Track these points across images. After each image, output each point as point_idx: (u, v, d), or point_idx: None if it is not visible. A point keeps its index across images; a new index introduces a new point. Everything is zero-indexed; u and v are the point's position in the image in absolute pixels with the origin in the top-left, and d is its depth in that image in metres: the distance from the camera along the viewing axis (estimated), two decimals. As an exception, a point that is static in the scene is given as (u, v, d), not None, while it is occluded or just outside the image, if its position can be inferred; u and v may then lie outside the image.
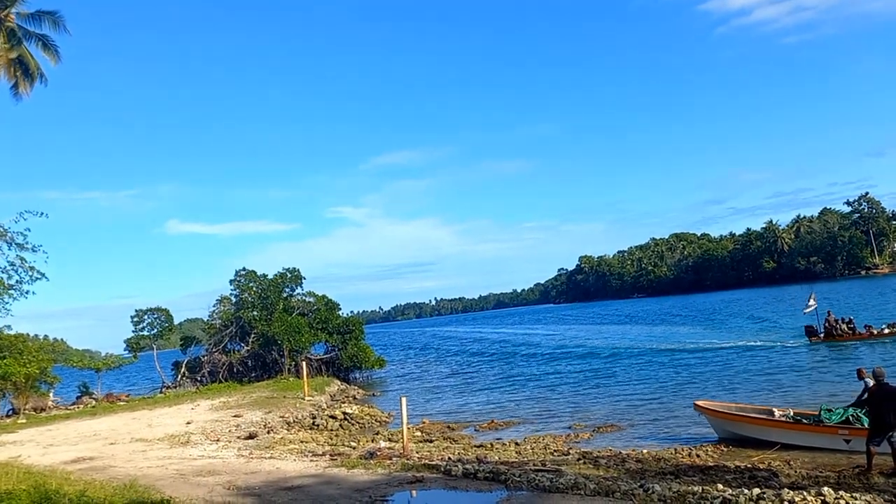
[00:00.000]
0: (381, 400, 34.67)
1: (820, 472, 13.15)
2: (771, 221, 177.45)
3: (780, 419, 16.59)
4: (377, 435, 22.51)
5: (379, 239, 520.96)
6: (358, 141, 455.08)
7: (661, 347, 43.79)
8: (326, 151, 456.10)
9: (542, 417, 24.48)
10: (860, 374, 14.94)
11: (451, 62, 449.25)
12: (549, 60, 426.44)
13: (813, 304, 37.11)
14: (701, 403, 18.65)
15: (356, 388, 40.00)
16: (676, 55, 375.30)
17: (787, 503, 9.52)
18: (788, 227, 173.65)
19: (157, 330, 43.96)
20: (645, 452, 16.22)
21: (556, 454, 17.10)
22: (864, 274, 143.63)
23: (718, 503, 9.82)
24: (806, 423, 15.89)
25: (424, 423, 25.04)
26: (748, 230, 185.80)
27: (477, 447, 19.19)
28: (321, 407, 29.75)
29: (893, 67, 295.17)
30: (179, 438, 21.47)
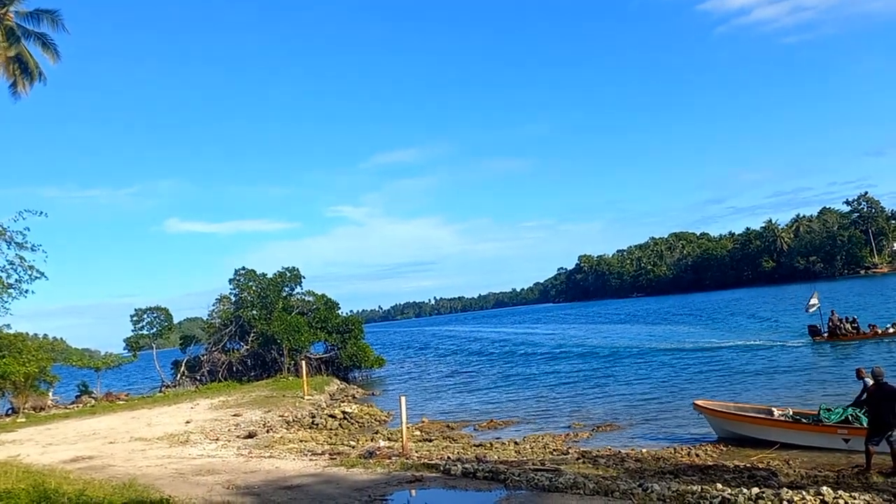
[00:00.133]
0: (380, 399, 34.65)
1: (819, 471, 13.15)
2: (770, 221, 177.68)
3: (779, 419, 16.59)
4: (376, 434, 22.50)
5: (379, 238, 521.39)
6: (358, 140, 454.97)
7: (660, 347, 43.80)
8: (326, 150, 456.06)
9: (541, 417, 24.48)
10: (859, 373, 14.94)
11: (450, 61, 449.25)
12: (548, 60, 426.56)
13: (815, 302, 37.00)
14: (700, 403, 18.66)
15: (355, 387, 39.99)
16: (676, 55, 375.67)
17: (786, 502, 9.52)
18: (788, 226, 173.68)
19: (156, 329, 43.95)
20: (644, 452, 16.23)
21: (555, 453, 17.09)
22: (863, 273, 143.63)
23: (717, 502, 9.82)
24: (805, 422, 15.89)
25: (424, 422, 25.04)
26: (747, 230, 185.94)
27: (476, 446, 19.18)
28: (320, 406, 29.73)
29: (893, 67, 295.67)
30: (179, 437, 21.46)
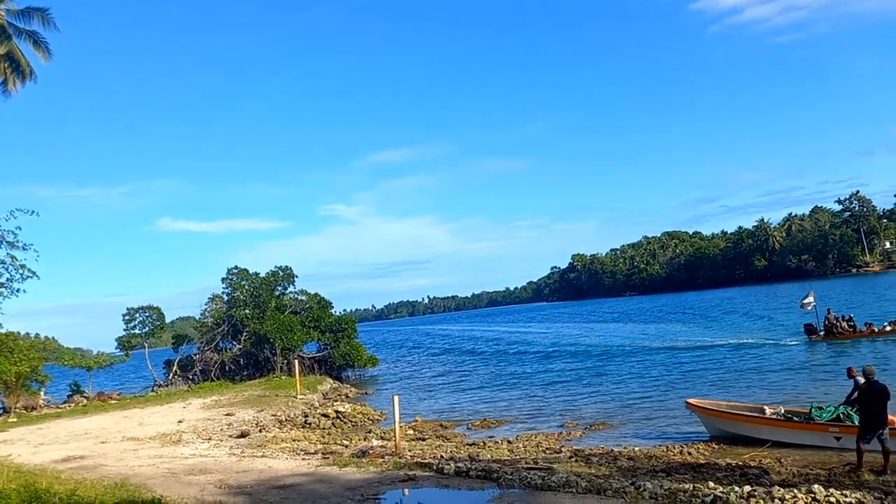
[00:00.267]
0: (373, 398, 34.63)
1: (811, 469, 13.20)
2: (762, 220, 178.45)
3: (771, 417, 16.64)
4: (369, 433, 22.49)
5: (372, 237, 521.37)
6: (351, 138, 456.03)
7: (653, 345, 43.91)
8: (320, 149, 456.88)
9: (534, 415, 24.50)
10: (850, 372, 15.01)
11: (446, 61, 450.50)
12: (544, 60, 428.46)
13: (811, 300, 37.00)
14: (692, 401, 18.71)
15: (349, 386, 39.98)
16: (670, 54, 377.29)
17: (777, 501, 9.55)
18: (780, 225, 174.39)
19: (148, 328, 43.76)
20: (636, 450, 16.28)
21: (548, 452, 17.14)
22: (854, 272, 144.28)
23: (709, 501, 9.84)
24: (797, 420, 15.94)
25: (417, 421, 25.03)
26: (740, 228, 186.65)
27: (469, 445, 19.20)
28: (313, 405, 29.69)
29: (885, 67, 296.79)
30: (171, 437, 21.39)
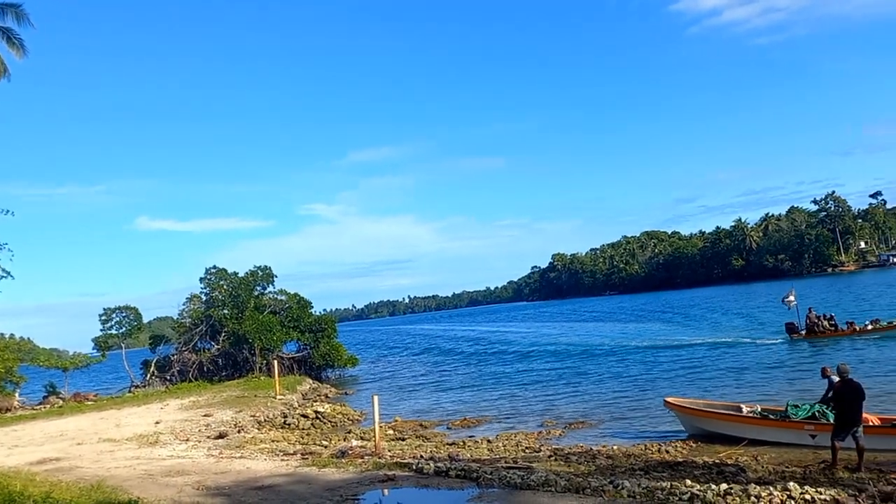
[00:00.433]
0: (353, 398, 34.55)
1: (786, 467, 13.33)
2: (740, 220, 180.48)
3: (747, 415, 16.80)
4: (349, 433, 22.43)
5: (353, 236, 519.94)
6: (332, 137, 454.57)
7: (633, 344, 44.17)
8: (300, 148, 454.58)
9: (514, 415, 24.54)
10: (824, 372, 15.17)
11: (427, 60, 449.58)
12: (526, 59, 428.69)
13: (793, 299, 37.30)
14: (671, 400, 18.84)
15: (328, 386, 39.86)
16: (650, 55, 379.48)
17: (753, 498, 9.64)
18: (757, 225, 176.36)
19: (125, 329, 43.34)
20: (615, 449, 16.36)
21: (528, 451, 17.18)
22: (830, 272, 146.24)
23: (686, 499, 9.91)
24: (773, 418, 16.09)
25: (397, 421, 24.99)
26: (718, 228, 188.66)
27: (449, 445, 19.19)
28: (292, 406, 29.55)
29: (860, 68, 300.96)
30: (148, 438, 21.21)
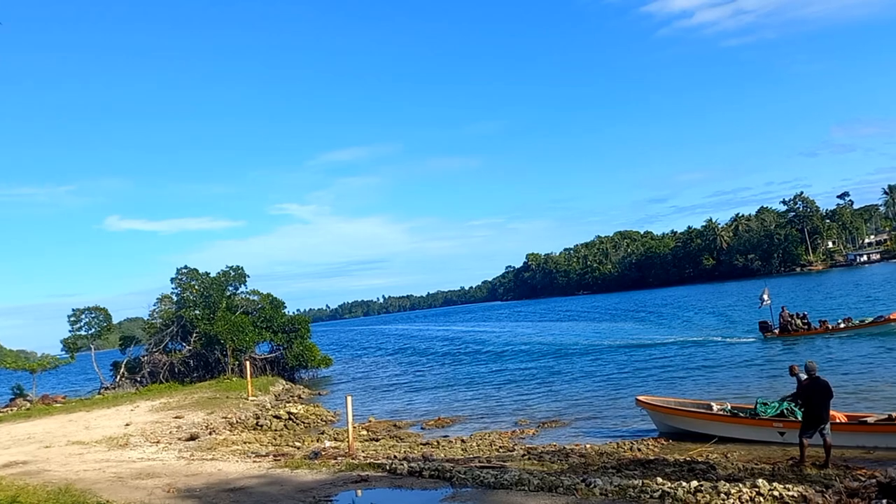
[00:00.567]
0: (326, 399, 34.40)
1: (756, 464, 13.49)
2: (711, 220, 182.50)
3: (718, 413, 17.00)
4: (322, 434, 22.34)
5: (326, 236, 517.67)
6: (304, 137, 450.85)
7: (606, 344, 44.45)
8: (272, 148, 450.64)
9: (488, 414, 24.61)
10: (792, 370, 15.37)
11: (399, 60, 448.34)
12: (497, 58, 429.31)
13: (767, 298, 37.83)
14: (642, 398, 19.02)
15: (301, 387, 39.64)
16: (622, 56, 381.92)
17: (723, 495, 9.74)
18: (727, 225, 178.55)
19: (95, 330, 42.72)
20: (588, 447, 16.44)
21: (501, 450, 17.23)
22: (799, 271, 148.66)
23: (658, 496, 9.99)
24: (742, 416, 16.30)
25: (371, 421, 24.93)
26: (689, 228, 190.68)
27: (423, 445, 19.19)
28: (265, 407, 29.36)
29: (827, 70, 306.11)
30: (118, 441, 20.97)
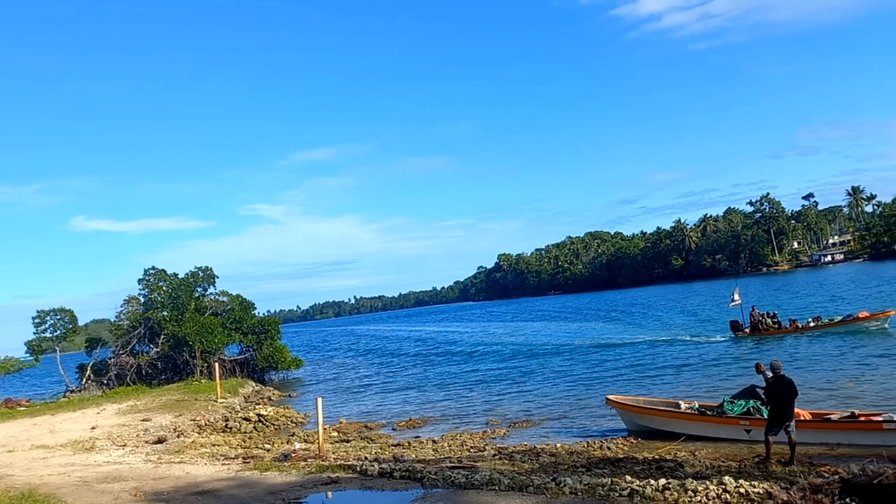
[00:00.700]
0: (297, 401, 34.19)
1: (722, 461, 13.67)
2: (679, 220, 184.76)
3: (686, 411, 17.20)
4: (292, 436, 22.20)
5: (298, 237, 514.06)
6: (275, 136, 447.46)
7: (577, 343, 44.72)
8: (242, 146, 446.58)
9: (459, 414, 24.64)
10: (758, 368, 15.59)
11: (372, 58, 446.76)
12: (469, 59, 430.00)
13: (738, 298, 38.34)
14: (612, 397, 19.19)
15: (271, 389, 39.35)
16: (594, 58, 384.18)
17: (690, 492, 9.85)
18: (696, 226, 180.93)
19: (60, 332, 42.02)
20: (559, 446, 16.53)
21: (472, 450, 17.27)
22: (765, 271, 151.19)
23: (627, 494, 10.08)
24: (710, 414, 16.51)
25: (341, 423, 24.83)
26: (658, 229, 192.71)
27: (394, 446, 19.16)
28: (234, 409, 29.12)
29: (792, 74, 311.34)
30: (83, 444, 20.68)
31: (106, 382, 41.08)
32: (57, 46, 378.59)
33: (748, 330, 37.58)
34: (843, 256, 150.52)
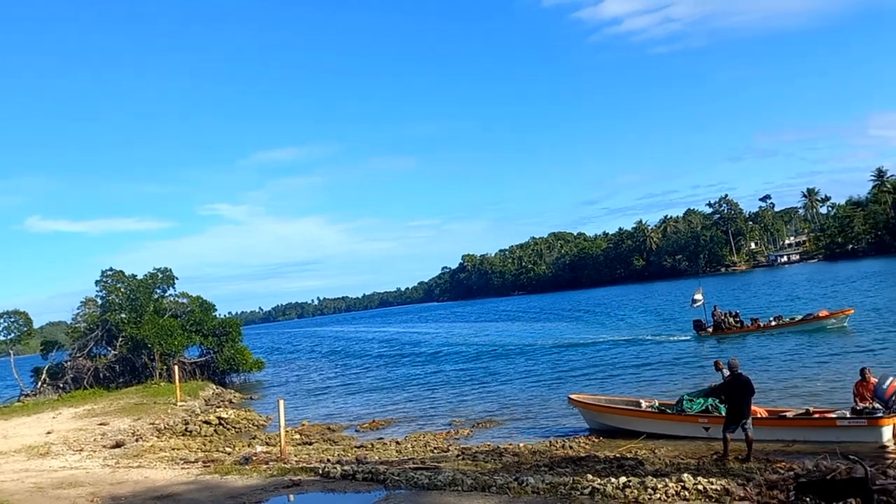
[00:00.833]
0: (259, 403, 33.86)
1: (682, 459, 13.88)
2: (641, 221, 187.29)
3: (646, 410, 17.44)
4: (254, 439, 21.99)
5: (261, 237, 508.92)
6: (235, 136, 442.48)
7: (541, 343, 44.95)
8: (201, 146, 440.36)
9: (423, 415, 24.63)
10: (717, 365, 15.89)
11: (337, 59, 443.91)
12: (433, 60, 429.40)
13: (700, 298, 38.83)
14: (574, 396, 19.37)
15: (233, 391, 38.91)
16: (556, 60, 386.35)
17: (650, 490, 9.99)
18: (656, 227, 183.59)
19: (14, 334, 41.05)
20: (521, 446, 16.62)
21: (436, 451, 17.27)
22: (724, 271, 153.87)
23: (588, 493, 10.18)
24: (669, 413, 16.76)
25: (304, 425, 24.65)
26: (620, 230, 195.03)
27: (357, 448, 19.09)
28: (195, 412, 28.75)
29: (751, 78, 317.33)
30: (38, 449, 20.21)
31: (62, 386, 40.17)
32: (6, 43, 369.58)
33: (711, 329, 38.08)
34: (798, 257, 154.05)
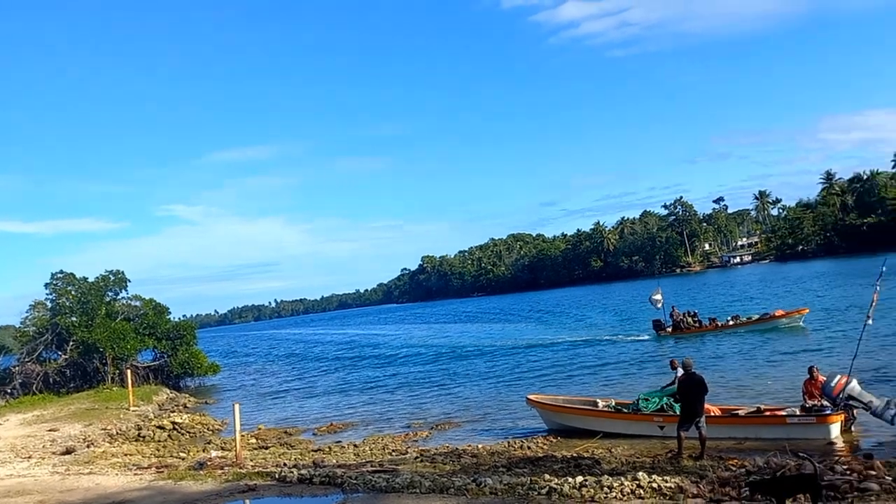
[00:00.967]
0: (214, 408, 33.34)
1: (637, 457, 14.06)
2: (598, 223, 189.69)
3: (602, 409, 17.63)
4: (209, 444, 21.64)
5: (217, 238, 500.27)
6: (192, 135, 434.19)
7: (500, 344, 45.23)
8: (157, 145, 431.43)
9: (382, 418, 24.51)
10: (672, 364, 16.16)
11: (300, 60, 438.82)
12: (396, 61, 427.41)
13: (659, 298, 39.32)
14: (532, 397, 19.49)
15: (187, 396, 38.23)
16: (515, 62, 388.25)
17: (606, 489, 10.11)
18: (614, 228, 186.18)
19: (-42, 339, 39.86)
20: (480, 447, 16.65)
21: (394, 454, 17.20)
22: (679, 272, 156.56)
23: (545, 492, 10.27)
24: (625, 412, 16.98)
25: (260, 429, 24.34)
26: (578, 231, 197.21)
27: (315, 451, 18.89)
28: (148, 417, 28.21)
29: (707, 82, 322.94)
30: (-17, 458, 19.58)
31: (10, 392, 39.05)
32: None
33: (670, 329, 38.64)
34: (750, 258, 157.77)
